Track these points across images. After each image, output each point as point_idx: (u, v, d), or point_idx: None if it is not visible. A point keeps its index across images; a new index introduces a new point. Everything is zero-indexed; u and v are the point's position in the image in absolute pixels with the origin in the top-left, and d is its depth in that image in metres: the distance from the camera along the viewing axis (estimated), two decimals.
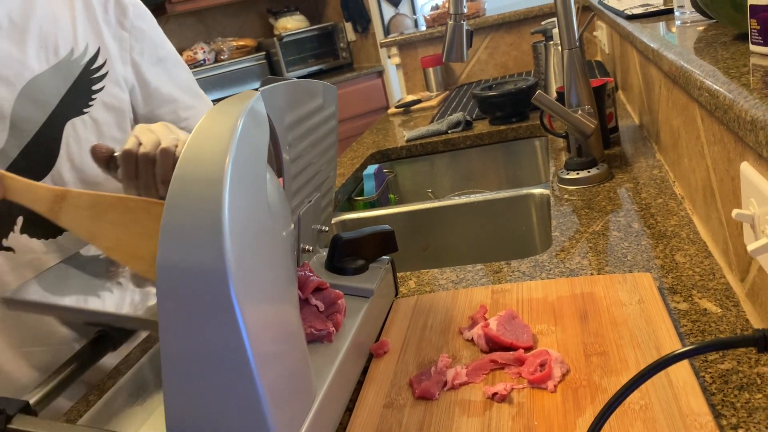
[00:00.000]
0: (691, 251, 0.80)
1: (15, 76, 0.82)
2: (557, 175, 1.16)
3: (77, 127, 0.88)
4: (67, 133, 0.87)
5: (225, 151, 0.45)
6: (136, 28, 0.98)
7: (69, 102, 0.87)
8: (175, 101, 1.03)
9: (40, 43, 0.85)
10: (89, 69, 0.90)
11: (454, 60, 1.27)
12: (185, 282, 0.44)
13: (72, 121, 0.87)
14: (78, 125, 0.88)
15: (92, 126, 0.90)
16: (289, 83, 0.61)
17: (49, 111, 0.85)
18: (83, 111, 0.89)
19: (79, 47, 0.90)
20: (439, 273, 0.90)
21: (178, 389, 0.47)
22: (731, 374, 0.56)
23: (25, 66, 0.83)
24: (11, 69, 0.82)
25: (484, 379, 0.61)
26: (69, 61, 0.88)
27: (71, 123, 0.87)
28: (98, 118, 0.90)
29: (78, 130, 0.88)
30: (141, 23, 0.99)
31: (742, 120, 0.53)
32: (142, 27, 0.99)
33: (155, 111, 1.01)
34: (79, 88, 0.88)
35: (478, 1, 2.61)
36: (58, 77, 0.86)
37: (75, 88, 0.88)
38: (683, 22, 1.04)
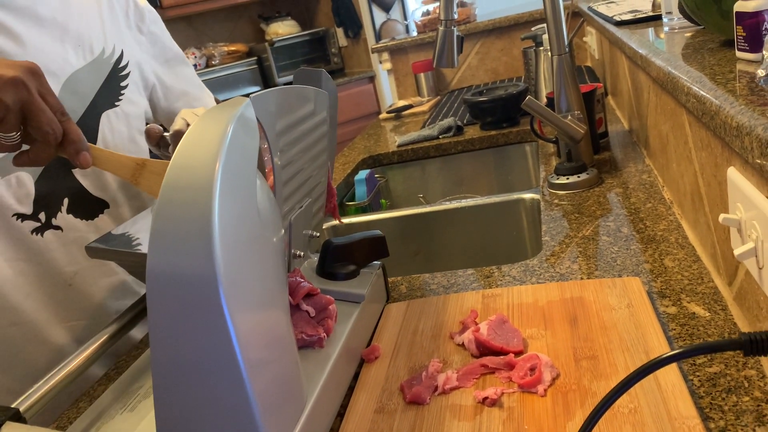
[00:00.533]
0: (680, 255, 0.80)
1: (59, 70, 0.89)
2: (547, 180, 1.17)
3: (111, 119, 0.97)
4: (103, 123, 0.95)
5: (215, 158, 0.45)
6: (152, 33, 1.08)
7: (103, 96, 0.96)
8: (187, 94, 1.15)
9: (77, 42, 0.93)
10: (117, 67, 0.99)
11: (444, 65, 1.28)
12: (175, 289, 0.44)
13: (107, 112, 0.96)
14: (111, 116, 0.97)
15: (123, 117, 0.98)
16: (280, 89, 0.61)
17: (87, 103, 0.93)
18: (115, 104, 0.98)
19: (108, 48, 0.98)
20: (430, 278, 0.90)
21: (168, 395, 0.47)
22: (719, 377, 0.57)
23: (67, 61, 0.91)
24: (56, 64, 0.89)
25: (474, 383, 0.61)
26: (101, 59, 0.96)
27: (106, 114, 0.96)
28: (127, 111, 1.00)
29: (112, 121, 0.97)
30: (155, 28, 1.10)
31: (729, 126, 0.54)
32: (155, 32, 1.10)
33: (172, 105, 1.12)
34: (110, 84, 0.97)
35: (469, 7, 2.62)
36: (93, 73, 0.94)
37: (107, 83, 0.97)
38: (671, 29, 1.05)
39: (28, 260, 0.87)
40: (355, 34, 3.93)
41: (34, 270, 0.87)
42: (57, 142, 0.68)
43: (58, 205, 0.90)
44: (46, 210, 0.89)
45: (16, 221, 0.86)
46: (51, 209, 0.89)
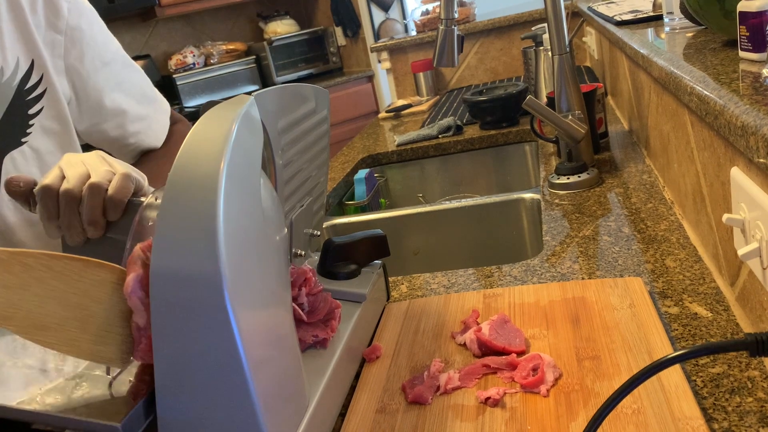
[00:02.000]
0: (681, 256, 0.80)
1: None
2: (548, 179, 1.17)
3: (17, 161, 0.78)
4: (7, 168, 0.77)
5: (219, 157, 0.45)
6: (74, 29, 0.84)
7: (4, 133, 0.76)
8: (123, 113, 0.91)
9: None
10: (23, 90, 0.78)
11: (445, 65, 1.27)
12: (179, 288, 0.44)
13: (10, 154, 0.77)
14: (17, 158, 0.78)
15: (33, 157, 0.79)
16: (282, 87, 0.61)
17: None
18: (21, 141, 0.78)
19: (9, 65, 0.77)
20: (431, 277, 0.90)
21: (171, 395, 0.47)
22: (722, 378, 0.57)
23: None
24: None
25: (476, 383, 0.61)
26: (0, 83, 0.76)
27: (10, 157, 0.77)
28: (38, 146, 0.79)
29: (18, 163, 0.78)
30: (79, 22, 0.85)
31: (733, 125, 0.53)
32: (80, 27, 0.85)
33: (99, 126, 0.89)
34: (14, 115, 0.77)
35: (469, 7, 2.62)
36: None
37: (9, 115, 0.76)
38: (672, 29, 1.04)
39: None
40: (354, 33, 3.92)
41: None
42: None
43: None
44: None
45: None
46: None
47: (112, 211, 0.62)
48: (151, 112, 0.96)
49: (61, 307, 0.48)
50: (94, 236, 0.62)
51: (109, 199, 0.62)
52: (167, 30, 3.87)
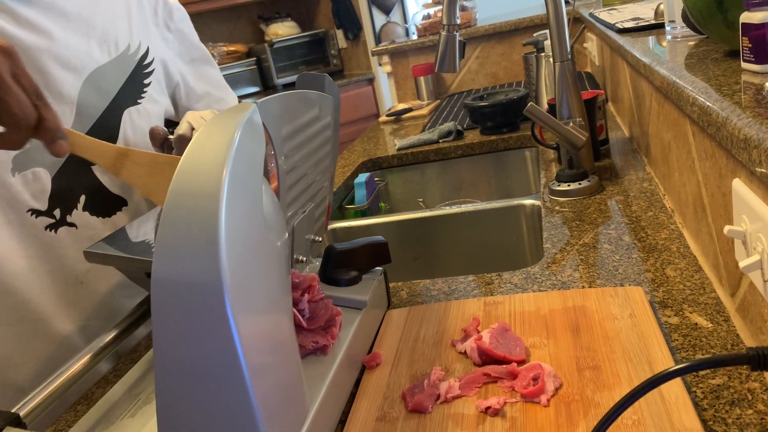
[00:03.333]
0: (682, 265, 0.80)
1: (82, 66, 0.89)
2: (548, 186, 1.17)
3: (133, 116, 0.96)
4: (125, 120, 0.95)
5: (222, 165, 0.45)
6: (180, 31, 1.09)
7: (126, 92, 0.96)
8: (208, 95, 1.14)
9: (102, 37, 0.93)
10: (141, 65, 0.99)
11: (446, 70, 1.28)
12: (180, 295, 0.44)
13: (129, 109, 0.96)
14: (134, 114, 0.97)
15: (145, 115, 0.99)
16: (286, 94, 0.61)
17: (109, 99, 0.93)
18: (137, 101, 0.98)
19: (134, 44, 0.98)
20: (431, 284, 0.90)
21: (171, 401, 0.47)
22: (722, 390, 0.57)
23: (91, 57, 0.91)
24: (79, 59, 0.89)
25: (477, 392, 0.61)
26: (126, 55, 0.96)
27: (128, 111, 0.96)
28: (149, 109, 1.00)
29: (134, 118, 0.97)
30: (183, 26, 1.10)
31: (735, 138, 0.54)
32: (183, 30, 1.10)
33: (193, 105, 1.12)
34: (134, 81, 0.97)
35: (470, 11, 2.62)
36: (117, 69, 0.95)
37: (131, 80, 0.97)
38: (674, 37, 1.05)
39: (41, 257, 0.87)
40: (355, 36, 3.93)
41: (46, 267, 0.88)
42: (29, 127, 0.64)
43: (75, 202, 0.90)
44: (61, 206, 0.89)
45: (30, 217, 0.86)
46: (67, 206, 0.90)
47: None
48: (226, 96, 1.20)
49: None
50: None
51: None
52: None
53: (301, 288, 0.63)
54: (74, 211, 0.90)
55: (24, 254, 0.86)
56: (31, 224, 0.86)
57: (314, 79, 0.77)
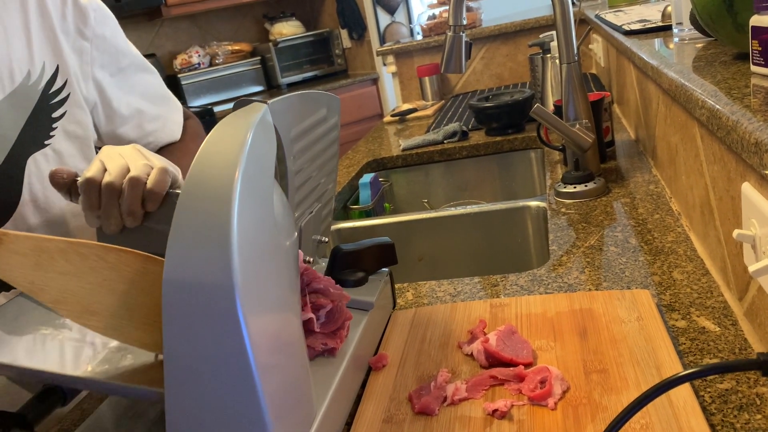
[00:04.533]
0: (689, 268, 0.80)
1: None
2: (554, 188, 1.17)
3: (39, 163, 0.80)
4: (29, 170, 0.79)
5: (234, 166, 0.45)
6: (98, 36, 0.88)
7: (29, 135, 0.79)
8: (140, 114, 0.95)
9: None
10: (48, 93, 0.81)
11: (452, 71, 1.28)
12: (192, 295, 0.44)
13: (33, 156, 0.79)
14: (40, 160, 0.80)
15: (55, 159, 0.82)
16: (296, 95, 0.61)
17: (8, 148, 0.76)
18: (44, 143, 0.80)
19: (36, 68, 0.80)
20: (437, 285, 0.90)
21: (180, 400, 0.47)
22: (730, 394, 0.56)
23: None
24: None
25: (483, 395, 0.61)
26: (26, 86, 0.79)
27: (33, 158, 0.79)
28: (61, 149, 0.82)
29: (40, 165, 0.80)
30: (103, 30, 0.89)
31: (746, 142, 0.53)
32: (104, 34, 0.89)
33: (118, 129, 0.93)
34: (38, 118, 0.80)
35: (475, 12, 2.62)
36: (15, 107, 0.77)
37: (34, 117, 0.79)
38: (681, 39, 1.04)
39: None
40: (360, 35, 3.93)
41: None
42: None
43: None
44: None
45: None
46: None
47: (150, 203, 0.66)
48: (165, 111, 1.01)
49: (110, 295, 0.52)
50: (132, 225, 0.67)
51: (148, 192, 0.66)
52: (173, 30, 3.87)
53: (329, 298, 0.63)
54: None
55: None
56: None
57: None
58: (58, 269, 0.52)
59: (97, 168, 0.67)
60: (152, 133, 0.98)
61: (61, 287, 0.51)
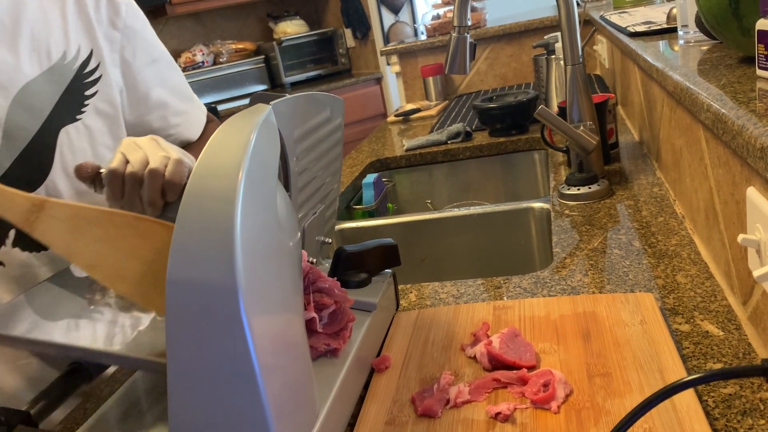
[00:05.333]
0: (693, 272, 0.80)
1: (8, 82, 0.79)
2: (558, 189, 1.16)
3: (71, 135, 0.84)
4: (61, 140, 0.83)
5: (238, 167, 0.45)
6: (129, 28, 0.93)
7: (62, 108, 0.83)
8: (165, 106, 0.98)
9: (32, 47, 0.81)
10: (82, 73, 0.86)
11: (456, 72, 1.27)
12: (195, 297, 0.44)
13: (66, 128, 0.84)
14: (72, 133, 0.84)
15: (85, 133, 0.86)
16: (299, 96, 0.61)
17: (42, 118, 0.81)
18: (76, 118, 0.85)
19: (71, 50, 0.85)
20: (440, 286, 0.90)
21: (183, 402, 0.47)
22: (734, 399, 0.56)
23: (19, 71, 0.80)
24: (5, 74, 0.78)
25: (486, 397, 0.61)
26: (62, 65, 0.84)
27: (65, 130, 0.84)
28: (91, 125, 0.87)
29: (72, 137, 0.84)
30: (134, 23, 0.94)
31: (752, 147, 0.53)
32: (134, 27, 0.94)
33: (144, 117, 0.96)
34: (72, 94, 0.85)
35: (480, 12, 2.62)
36: (51, 82, 0.83)
37: (68, 93, 0.84)
38: (686, 42, 1.04)
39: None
40: (364, 35, 3.93)
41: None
42: None
43: (2, 238, 0.80)
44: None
45: None
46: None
47: (170, 194, 0.71)
48: (190, 108, 1.04)
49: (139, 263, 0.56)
50: (153, 216, 0.70)
51: (167, 183, 0.70)
52: (177, 28, 3.88)
53: (333, 298, 0.63)
54: (2, 247, 0.80)
55: None
56: None
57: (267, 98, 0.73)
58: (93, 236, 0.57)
59: (120, 160, 0.72)
60: (175, 127, 1.00)
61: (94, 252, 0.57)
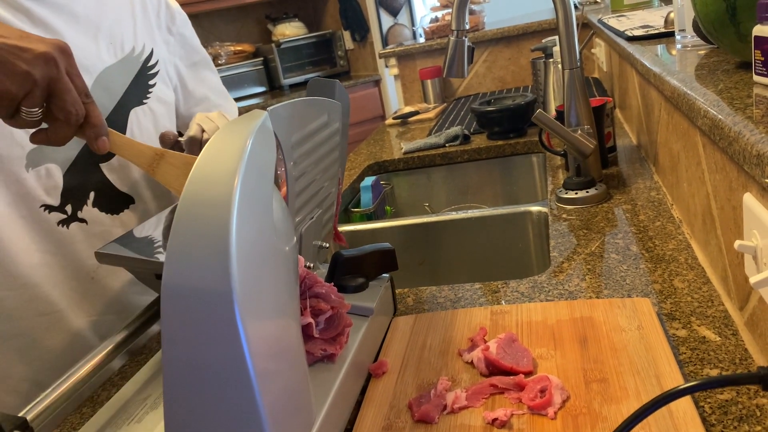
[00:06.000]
0: (690, 277, 0.80)
1: (92, 66, 0.92)
2: (555, 193, 1.16)
3: (139, 116, 0.99)
4: (131, 120, 0.97)
5: (233, 173, 0.45)
6: (181, 35, 1.11)
7: (132, 93, 0.98)
8: (207, 100, 1.16)
9: (110, 39, 0.96)
10: (146, 66, 1.02)
11: (454, 76, 1.28)
12: (190, 302, 0.44)
13: (135, 109, 0.98)
14: (140, 114, 0.99)
15: (150, 115, 1.01)
16: (296, 102, 0.61)
17: (116, 99, 0.96)
18: (143, 102, 1.00)
19: (138, 46, 1.01)
20: (437, 291, 0.90)
21: (179, 406, 0.47)
22: (730, 405, 0.56)
23: (99, 57, 0.94)
24: (89, 59, 0.92)
25: (483, 403, 0.61)
26: (132, 57, 0.99)
27: (134, 111, 0.98)
28: (155, 109, 1.02)
29: (140, 118, 0.99)
30: (184, 30, 1.13)
31: (748, 153, 0.53)
32: (185, 33, 1.13)
33: (191, 109, 1.14)
34: (139, 82, 1.00)
35: (478, 15, 2.62)
36: (123, 70, 0.97)
37: (136, 81, 0.99)
38: (684, 46, 1.04)
39: (54, 252, 0.89)
40: (362, 37, 3.93)
41: (59, 261, 0.90)
42: (78, 124, 0.68)
43: (85, 198, 0.92)
44: (72, 202, 0.91)
45: (43, 212, 0.88)
46: (77, 202, 0.92)
47: None
48: (225, 103, 1.22)
49: None
50: None
51: None
52: None
53: (330, 304, 0.63)
54: (84, 207, 0.92)
55: (38, 249, 0.88)
56: (45, 220, 0.88)
57: (325, 84, 0.77)
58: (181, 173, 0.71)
59: (197, 129, 0.92)
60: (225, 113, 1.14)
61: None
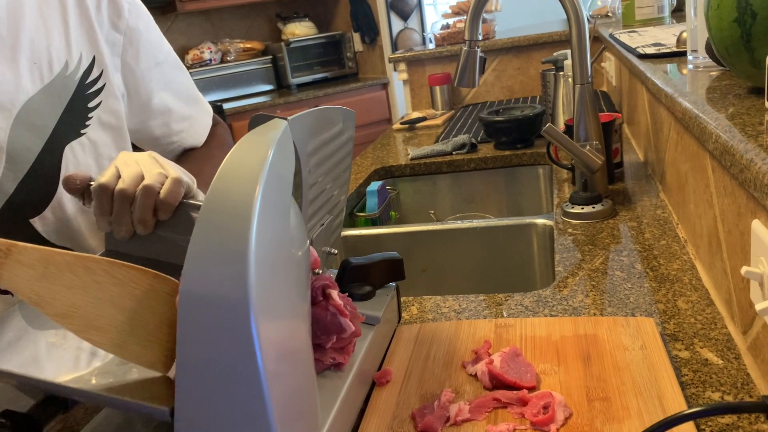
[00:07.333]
0: (693, 298, 0.81)
1: (9, 102, 0.74)
2: (561, 207, 1.17)
3: (76, 151, 0.81)
4: (67, 158, 0.80)
5: (255, 183, 0.45)
6: (132, 29, 0.88)
7: (66, 124, 0.80)
8: (169, 112, 0.95)
9: (32, 59, 0.77)
10: (84, 84, 0.82)
11: (465, 85, 1.28)
12: (207, 308, 0.45)
13: (70, 144, 0.81)
14: (77, 149, 0.81)
15: (90, 147, 0.83)
16: (313, 111, 0.62)
17: (45, 136, 0.78)
18: (81, 132, 0.82)
19: (73, 59, 0.81)
20: (442, 300, 0.90)
21: (189, 405, 0.48)
22: (731, 430, 0.57)
23: (19, 88, 0.75)
24: (5, 94, 0.74)
25: (486, 417, 0.62)
26: (63, 76, 0.80)
27: (70, 147, 0.80)
28: (96, 139, 0.83)
29: (77, 154, 0.81)
30: (137, 23, 0.89)
31: (759, 182, 0.54)
32: (138, 28, 0.89)
33: (146, 123, 0.93)
34: (75, 107, 0.81)
35: (489, 24, 2.63)
36: (53, 97, 0.79)
37: (71, 107, 0.80)
38: (695, 67, 1.05)
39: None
40: (372, 40, 3.94)
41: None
42: None
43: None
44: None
45: None
46: None
47: (162, 212, 0.67)
48: (195, 112, 1.01)
49: (115, 312, 0.52)
50: (143, 233, 0.68)
51: (161, 202, 0.66)
52: (186, 25, 3.89)
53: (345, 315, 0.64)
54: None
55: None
56: None
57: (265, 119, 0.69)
58: (64, 282, 0.51)
59: (111, 174, 0.68)
60: (178, 134, 0.98)
61: (66, 301, 0.51)
